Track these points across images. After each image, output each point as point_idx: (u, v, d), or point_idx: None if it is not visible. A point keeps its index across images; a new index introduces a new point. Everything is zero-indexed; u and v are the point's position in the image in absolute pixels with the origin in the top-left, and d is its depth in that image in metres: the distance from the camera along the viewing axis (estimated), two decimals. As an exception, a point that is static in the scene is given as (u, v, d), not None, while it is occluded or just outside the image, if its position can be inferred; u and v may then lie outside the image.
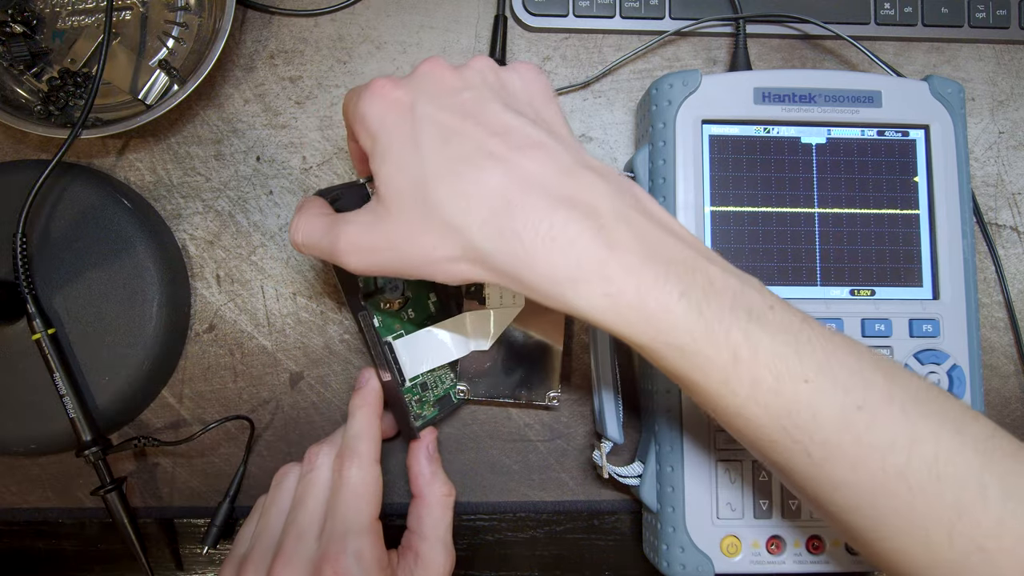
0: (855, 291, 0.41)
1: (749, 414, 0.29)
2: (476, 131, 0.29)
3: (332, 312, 0.46)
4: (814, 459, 0.28)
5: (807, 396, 0.28)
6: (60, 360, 0.41)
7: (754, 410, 0.28)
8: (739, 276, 0.30)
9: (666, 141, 0.41)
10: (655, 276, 0.28)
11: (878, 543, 0.29)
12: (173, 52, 0.46)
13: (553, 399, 0.44)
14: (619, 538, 0.47)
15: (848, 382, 0.28)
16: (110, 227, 0.43)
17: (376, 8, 0.48)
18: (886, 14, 0.48)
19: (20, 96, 0.45)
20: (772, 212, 0.42)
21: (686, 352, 0.28)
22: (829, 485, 0.29)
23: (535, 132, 0.30)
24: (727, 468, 0.40)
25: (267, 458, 0.46)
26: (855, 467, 0.28)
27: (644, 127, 0.44)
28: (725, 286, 0.29)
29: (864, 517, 0.29)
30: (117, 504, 0.42)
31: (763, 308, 0.29)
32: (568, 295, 0.28)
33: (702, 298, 0.28)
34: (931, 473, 0.27)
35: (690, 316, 0.28)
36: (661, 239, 0.29)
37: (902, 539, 0.28)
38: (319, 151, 0.47)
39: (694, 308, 0.28)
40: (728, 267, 0.30)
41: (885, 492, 0.28)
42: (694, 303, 0.28)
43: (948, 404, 0.29)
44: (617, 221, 0.28)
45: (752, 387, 0.28)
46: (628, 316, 0.28)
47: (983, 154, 0.49)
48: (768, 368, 0.28)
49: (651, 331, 0.28)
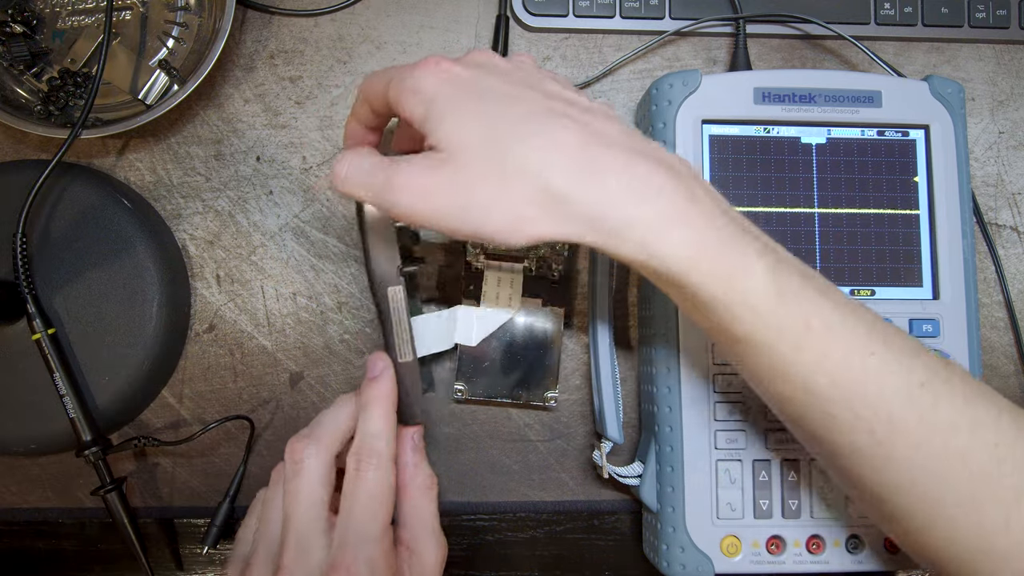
0: (855, 291, 0.41)
1: (815, 385, 0.29)
2: (543, 99, 0.30)
3: (332, 312, 0.46)
4: (877, 437, 0.29)
5: (875, 369, 0.28)
6: (60, 360, 0.41)
7: (821, 381, 0.29)
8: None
9: (666, 141, 0.41)
10: (732, 233, 0.28)
11: (928, 531, 0.29)
12: (173, 52, 0.46)
13: (551, 400, 0.44)
14: (619, 538, 0.47)
15: (910, 361, 0.29)
16: (110, 227, 0.43)
17: (376, 8, 0.48)
18: (886, 14, 0.48)
19: (20, 96, 0.45)
20: (772, 212, 0.42)
21: (760, 312, 0.28)
22: (888, 465, 0.29)
23: (596, 106, 0.31)
24: (727, 468, 0.40)
25: (267, 458, 0.46)
26: (918, 446, 0.28)
27: (644, 127, 0.44)
28: (792, 260, 0.29)
29: (919, 499, 0.29)
30: (117, 504, 0.42)
31: (826, 286, 0.30)
32: (650, 241, 0.28)
33: (776, 263, 0.28)
34: (992, 457, 0.28)
35: (767, 277, 0.28)
36: (729, 207, 0.30)
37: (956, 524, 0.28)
38: (319, 151, 0.47)
39: (770, 270, 0.28)
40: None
41: (945, 473, 0.28)
42: (770, 265, 0.28)
43: (997, 395, 0.30)
44: (694, 181, 0.29)
45: (821, 357, 0.28)
46: (707, 268, 0.28)
47: (983, 154, 0.49)
48: (838, 339, 0.28)
49: (727, 286, 0.28)
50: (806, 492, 0.40)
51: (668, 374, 0.40)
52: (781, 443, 0.40)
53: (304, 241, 0.46)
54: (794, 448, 0.40)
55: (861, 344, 0.28)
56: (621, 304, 0.46)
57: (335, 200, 0.46)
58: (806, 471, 0.40)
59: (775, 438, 0.40)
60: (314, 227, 0.46)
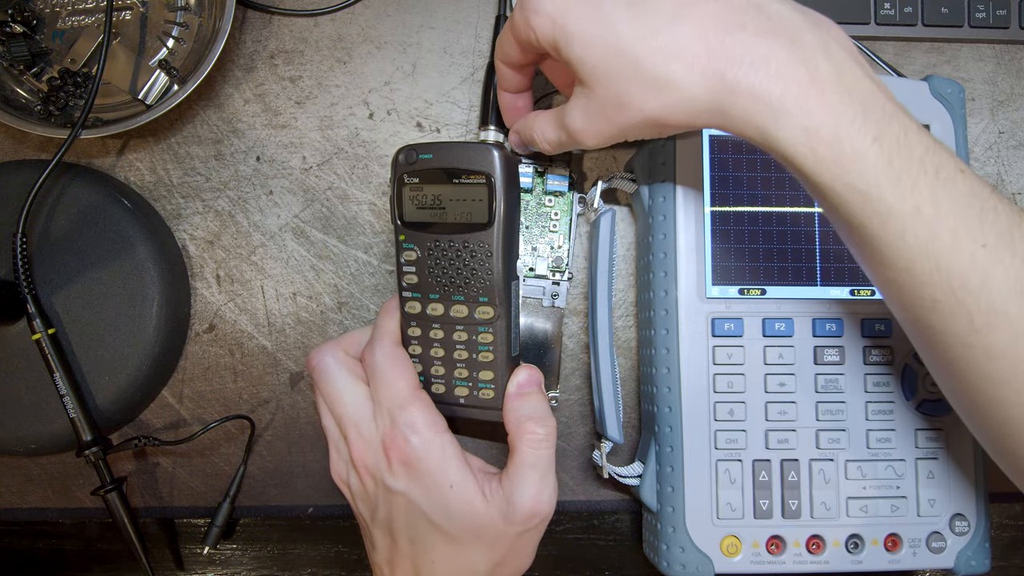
0: (855, 291, 0.41)
1: (918, 269, 0.29)
2: (657, 1, 0.30)
3: (332, 312, 0.46)
4: (976, 325, 0.29)
5: (983, 260, 0.28)
6: (60, 360, 0.41)
7: (924, 264, 0.29)
8: (932, 136, 0.30)
9: (666, 141, 0.41)
10: (852, 117, 0.28)
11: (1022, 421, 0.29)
12: (173, 52, 0.46)
13: (551, 400, 0.44)
14: (619, 538, 0.47)
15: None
16: (110, 227, 0.43)
17: (376, 8, 0.48)
18: (886, 14, 0.48)
19: (20, 96, 0.45)
20: (772, 212, 0.42)
21: (869, 198, 0.28)
22: (985, 355, 0.29)
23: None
24: (727, 468, 0.40)
25: (267, 458, 0.46)
26: (1017, 338, 0.28)
27: (644, 127, 0.44)
28: (918, 140, 0.29)
29: (1016, 392, 0.29)
30: (117, 504, 0.42)
31: (953, 170, 0.29)
32: (768, 126, 0.29)
33: (894, 147, 0.28)
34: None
35: (880, 162, 0.28)
36: (859, 80, 0.29)
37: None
38: (319, 151, 0.47)
39: (885, 155, 0.28)
40: (920, 125, 0.30)
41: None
42: (885, 150, 0.28)
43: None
44: (818, 55, 0.29)
45: (928, 242, 0.28)
46: (820, 153, 0.28)
47: (983, 154, 0.49)
48: (948, 227, 0.28)
49: (839, 171, 0.28)
50: (806, 492, 0.40)
51: (668, 374, 0.40)
52: (781, 443, 0.40)
53: (304, 241, 0.46)
54: (794, 448, 0.40)
55: (973, 234, 0.28)
56: (621, 304, 0.46)
57: (335, 200, 0.46)
58: (806, 471, 0.40)
59: (775, 438, 0.40)
60: (314, 227, 0.46)
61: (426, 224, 0.34)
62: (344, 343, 0.36)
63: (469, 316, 0.35)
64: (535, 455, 0.33)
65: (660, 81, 0.29)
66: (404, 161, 0.34)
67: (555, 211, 0.43)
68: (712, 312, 0.41)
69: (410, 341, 0.36)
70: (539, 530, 0.34)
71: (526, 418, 0.34)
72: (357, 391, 0.35)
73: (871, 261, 0.31)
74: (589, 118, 0.32)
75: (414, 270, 0.35)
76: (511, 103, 0.39)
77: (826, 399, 0.41)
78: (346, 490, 0.36)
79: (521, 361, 0.36)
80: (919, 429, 0.41)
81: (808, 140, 0.28)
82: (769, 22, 0.29)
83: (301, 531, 0.47)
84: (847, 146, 0.28)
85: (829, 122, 0.28)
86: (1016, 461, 0.32)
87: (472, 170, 0.33)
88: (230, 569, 0.47)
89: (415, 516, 0.33)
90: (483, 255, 0.34)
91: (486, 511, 0.33)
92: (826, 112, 0.28)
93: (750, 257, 0.41)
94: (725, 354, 0.40)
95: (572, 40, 0.31)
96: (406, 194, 0.34)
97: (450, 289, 0.35)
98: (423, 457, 0.33)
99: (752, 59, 0.28)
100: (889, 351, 0.41)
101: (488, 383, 0.35)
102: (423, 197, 0.34)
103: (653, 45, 0.29)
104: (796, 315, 0.41)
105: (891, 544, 0.40)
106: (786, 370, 0.41)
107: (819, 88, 0.28)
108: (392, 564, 0.35)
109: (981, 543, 0.41)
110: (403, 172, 0.34)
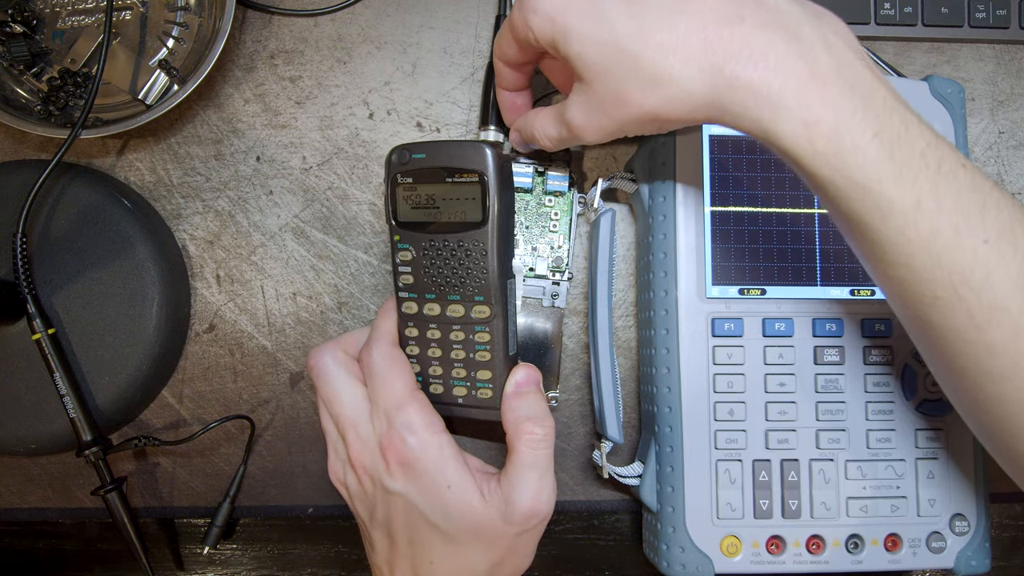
0: (855, 291, 0.41)
1: (919, 264, 0.29)
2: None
3: (332, 312, 0.46)
4: (976, 321, 0.28)
5: (984, 256, 0.28)
6: (60, 360, 0.41)
7: (925, 260, 0.28)
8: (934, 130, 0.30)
9: (666, 141, 0.41)
10: (852, 111, 0.28)
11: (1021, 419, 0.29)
12: (173, 52, 0.46)
13: (551, 400, 0.44)
14: (619, 538, 0.47)
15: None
16: (110, 227, 0.43)
17: (376, 8, 0.48)
18: (886, 14, 0.48)
19: (20, 96, 0.45)
20: (772, 212, 0.42)
21: (869, 192, 0.28)
22: (986, 351, 0.29)
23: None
24: (727, 468, 0.40)
25: (267, 458, 0.46)
26: (1018, 334, 0.28)
27: (644, 127, 0.44)
28: (920, 134, 0.29)
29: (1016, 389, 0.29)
30: (117, 504, 0.42)
31: (955, 164, 0.29)
32: (767, 120, 0.28)
33: (895, 141, 0.28)
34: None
35: (880, 156, 0.28)
36: (860, 73, 0.29)
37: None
38: (319, 151, 0.47)
39: (886, 149, 0.28)
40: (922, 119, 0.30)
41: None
42: (887, 144, 0.28)
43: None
44: (817, 48, 0.29)
45: (929, 238, 0.28)
46: (820, 147, 0.28)
47: (983, 154, 0.49)
48: (949, 222, 0.28)
49: (839, 165, 0.28)
50: (806, 492, 0.40)
51: (668, 374, 0.40)
52: (781, 443, 0.40)
53: (304, 241, 0.46)
54: (794, 448, 0.40)
55: (975, 230, 0.28)
56: (621, 304, 0.46)
57: (335, 200, 0.46)
58: (806, 471, 0.40)
59: (775, 438, 0.40)
60: (314, 227, 0.46)
61: (420, 224, 0.34)
62: (343, 343, 0.37)
63: (465, 315, 0.35)
64: (533, 455, 0.33)
65: (659, 76, 0.29)
66: (397, 161, 0.34)
67: (555, 211, 0.43)
68: (712, 312, 0.41)
69: (407, 341, 0.36)
70: (538, 530, 0.34)
71: (524, 418, 0.34)
72: (355, 391, 0.35)
73: (871, 257, 0.30)
74: (589, 114, 0.32)
75: (410, 270, 0.35)
76: (511, 102, 0.39)
77: (826, 399, 0.41)
78: (344, 491, 0.36)
79: (519, 360, 0.36)
80: (919, 429, 0.41)
81: (808, 134, 0.28)
82: (768, 15, 0.29)
83: (301, 531, 0.47)
84: (847, 140, 0.28)
85: (829, 115, 0.28)
86: (1016, 459, 0.31)
87: (465, 168, 0.33)
88: (230, 569, 0.47)
89: (413, 517, 0.33)
90: (478, 254, 0.34)
91: (484, 511, 0.33)
92: (826, 105, 0.28)
93: (750, 257, 0.41)
94: (725, 354, 0.40)
95: (571, 37, 0.31)
96: (400, 194, 0.34)
97: (446, 289, 0.35)
98: (420, 458, 0.33)
99: (750, 53, 0.28)
100: (889, 351, 0.41)
101: (486, 383, 0.35)
102: (417, 197, 0.34)
103: (651, 41, 0.29)
104: (796, 315, 0.41)
105: (891, 544, 0.40)
106: (786, 370, 0.41)
107: (819, 81, 0.28)
108: (391, 565, 0.35)
109: (981, 543, 0.41)
110: (396, 172, 0.34)
